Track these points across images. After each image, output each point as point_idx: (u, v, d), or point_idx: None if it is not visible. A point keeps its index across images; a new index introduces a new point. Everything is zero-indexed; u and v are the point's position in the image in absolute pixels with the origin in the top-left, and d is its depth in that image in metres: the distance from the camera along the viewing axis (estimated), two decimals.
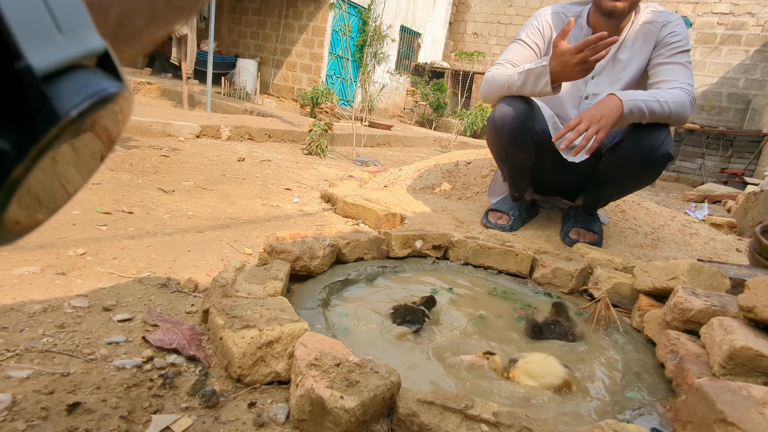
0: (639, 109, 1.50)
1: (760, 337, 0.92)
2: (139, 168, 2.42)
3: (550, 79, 1.55)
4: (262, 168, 3.06)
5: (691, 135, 9.30)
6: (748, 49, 9.55)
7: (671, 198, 5.34)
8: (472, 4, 12.46)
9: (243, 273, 1.09)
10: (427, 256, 1.63)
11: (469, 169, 2.67)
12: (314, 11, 8.87)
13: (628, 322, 1.36)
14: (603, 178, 1.77)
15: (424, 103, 11.18)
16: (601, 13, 1.73)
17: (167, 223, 1.60)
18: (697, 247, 2.15)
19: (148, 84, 6.55)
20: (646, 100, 1.51)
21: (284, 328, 0.85)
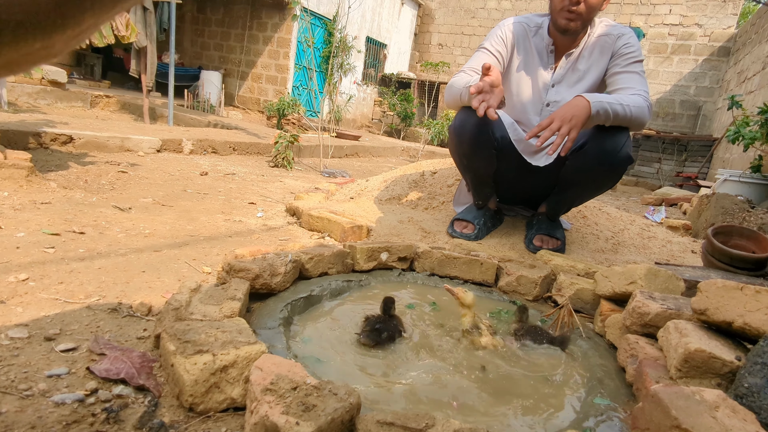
0: (605, 110, 1.54)
1: (714, 339, 0.95)
2: (94, 185, 2.32)
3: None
4: (226, 182, 2.99)
5: (648, 140, 9.69)
6: (697, 58, 10.07)
7: (631, 202, 5.52)
8: (437, 16, 12.70)
9: (199, 294, 1.04)
10: (393, 269, 1.62)
11: (435, 179, 2.68)
12: (279, 22, 8.83)
13: (591, 328, 1.38)
14: (567, 182, 1.81)
15: (391, 113, 11.27)
16: (556, 30, 1.78)
17: (122, 242, 1.53)
18: (655, 249, 2.22)
19: (107, 97, 6.34)
20: (611, 102, 1.56)
21: (240, 351, 0.82)
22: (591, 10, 1.71)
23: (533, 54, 1.89)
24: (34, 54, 0.35)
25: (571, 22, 1.72)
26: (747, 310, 0.90)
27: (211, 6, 9.62)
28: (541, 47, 1.88)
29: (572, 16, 1.71)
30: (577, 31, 1.76)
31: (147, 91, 5.22)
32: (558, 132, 1.49)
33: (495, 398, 0.96)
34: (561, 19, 1.74)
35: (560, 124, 1.49)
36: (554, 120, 1.50)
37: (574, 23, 1.72)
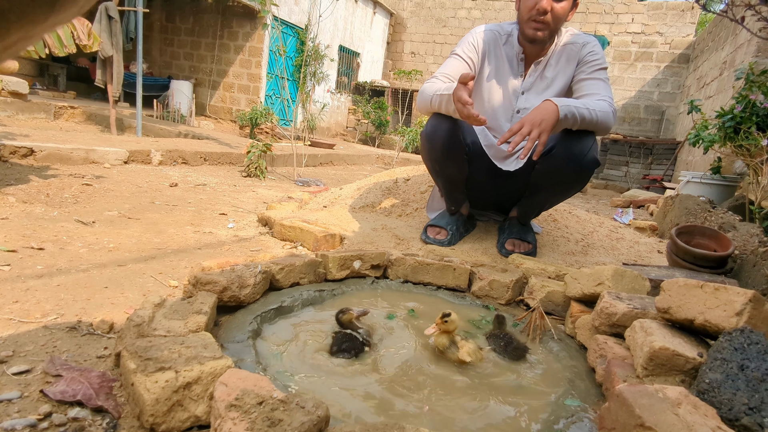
0: (572, 114, 1.57)
1: (677, 337, 0.97)
2: (56, 199, 2.24)
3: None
4: (196, 193, 2.93)
5: (616, 144, 9.98)
6: (659, 65, 10.46)
7: (601, 204, 5.67)
8: (409, 25, 12.85)
9: (163, 309, 1.01)
10: (366, 276, 1.61)
11: (408, 185, 2.69)
12: (250, 32, 8.78)
13: (563, 329, 1.39)
14: (536, 186, 1.84)
15: (366, 121, 11.30)
16: (524, 39, 1.82)
17: (84, 258, 1.47)
18: (623, 250, 2.28)
19: (71, 108, 6.16)
20: (578, 107, 1.59)
21: (204, 366, 0.79)
22: (557, 20, 1.75)
23: (504, 61, 1.93)
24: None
25: (539, 31, 1.76)
26: (707, 308, 0.92)
27: (180, 15, 9.49)
28: (511, 55, 1.91)
29: (540, 26, 1.75)
30: (544, 40, 1.80)
31: (114, 101, 5.09)
32: (529, 136, 1.52)
33: (467, 403, 0.95)
34: (528, 29, 1.77)
35: (530, 128, 1.52)
36: (524, 124, 1.53)
37: (541, 33, 1.76)
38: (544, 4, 1.70)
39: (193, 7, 9.24)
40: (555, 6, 1.72)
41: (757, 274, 1.53)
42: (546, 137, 1.52)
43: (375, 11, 12.04)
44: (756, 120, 2.67)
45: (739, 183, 3.68)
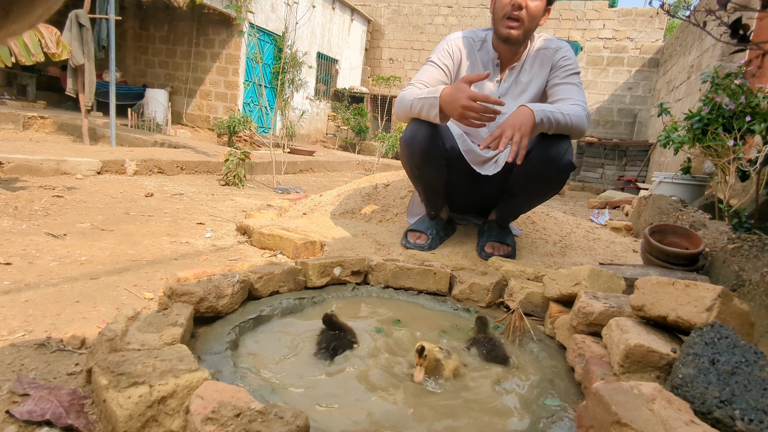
0: (547, 119, 1.60)
1: (652, 334, 0.99)
2: (25, 212, 2.17)
3: (439, 111, 1.63)
4: (173, 203, 2.88)
5: (591, 147, 10.20)
6: (630, 69, 10.76)
7: (578, 206, 5.77)
8: (386, 31, 12.93)
9: (137, 322, 0.99)
10: (347, 283, 1.60)
11: (388, 191, 2.70)
12: (227, 39, 8.71)
13: (542, 330, 1.41)
14: (514, 189, 1.86)
15: (346, 127, 11.30)
16: (499, 39, 1.85)
17: (54, 272, 1.43)
18: (599, 251, 2.32)
19: (42, 118, 5.99)
20: (552, 111, 1.62)
21: (180, 380, 0.77)
22: (532, 18, 1.78)
23: (479, 67, 1.95)
24: None
25: (513, 30, 1.78)
26: (679, 304, 0.94)
27: (154, 22, 9.36)
28: (486, 60, 1.94)
29: (514, 24, 1.77)
30: (519, 40, 1.82)
31: (86, 111, 4.98)
32: (511, 140, 1.53)
33: (449, 406, 0.95)
34: (503, 27, 1.80)
35: (512, 132, 1.53)
36: (505, 129, 1.54)
37: (515, 31, 1.78)
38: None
39: (167, 14, 9.12)
40: (530, 3, 1.74)
41: (726, 270, 1.58)
42: (527, 141, 1.54)
43: (353, 18, 12.09)
44: (722, 121, 2.76)
45: (709, 182, 3.80)
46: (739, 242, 1.62)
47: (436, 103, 1.64)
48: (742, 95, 2.73)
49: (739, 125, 2.66)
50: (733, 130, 2.68)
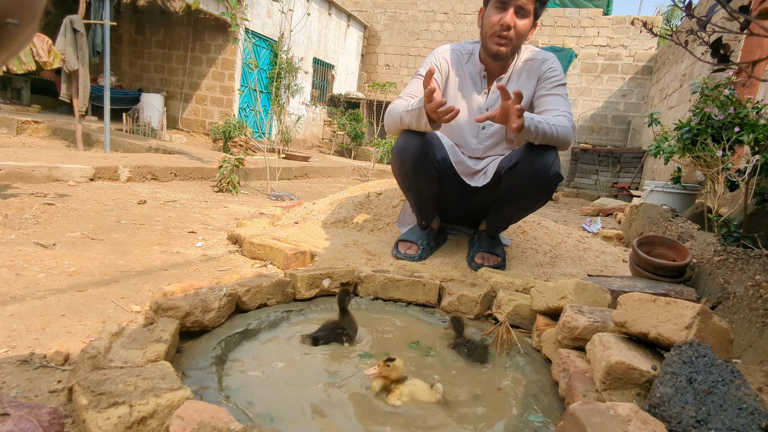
0: (534, 128, 1.60)
1: (633, 350, 1.00)
2: (15, 220, 2.17)
3: (428, 118, 1.64)
4: (166, 210, 2.88)
5: (585, 154, 10.26)
6: (624, 77, 10.85)
7: (572, 213, 5.80)
8: (382, 37, 12.99)
9: (121, 338, 0.99)
10: (336, 295, 1.60)
11: (380, 200, 2.71)
12: (223, 44, 8.72)
13: (529, 343, 1.42)
14: (502, 200, 1.87)
15: (341, 132, 11.33)
16: (487, 55, 1.87)
17: (41, 283, 1.43)
18: (590, 261, 2.33)
19: (35, 123, 5.98)
20: (540, 121, 1.63)
21: (161, 399, 0.77)
22: (519, 37, 1.81)
23: (467, 79, 1.97)
24: None
25: (502, 47, 1.82)
26: (659, 321, 0.95)
27: (150, 27, 9.37)
28: (474, 73, 1.96)
29: (503, 42, 1.80)
30: (507, 56, 1.85)
31: (80, 115, 4.97)
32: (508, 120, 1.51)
33: (432, 420, 0.96)
34: (492, 44, 1.83)
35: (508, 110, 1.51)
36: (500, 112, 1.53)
37: (504, 48, 1.82)
38: (507, 19, 1.76)
39: (163, 19, 9.13)
40: (518, 23, 1.78)
41: (712, 283, 1.60)
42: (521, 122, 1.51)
43: (349, 24, 12.14)
44: (711, 132, 2.78)
45: (700, 191, 3.83)
46: (725, 255, 1.64)
47: (422, 113, 1.66)
48: (730, 106, 2.76)
49: (728, 136, 2.69)
50: (722, 141, 2.70)
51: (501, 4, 1.77)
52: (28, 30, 0.40)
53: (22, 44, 0.45)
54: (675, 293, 1.58)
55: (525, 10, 1.76)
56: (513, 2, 1.75)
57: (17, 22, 0.36)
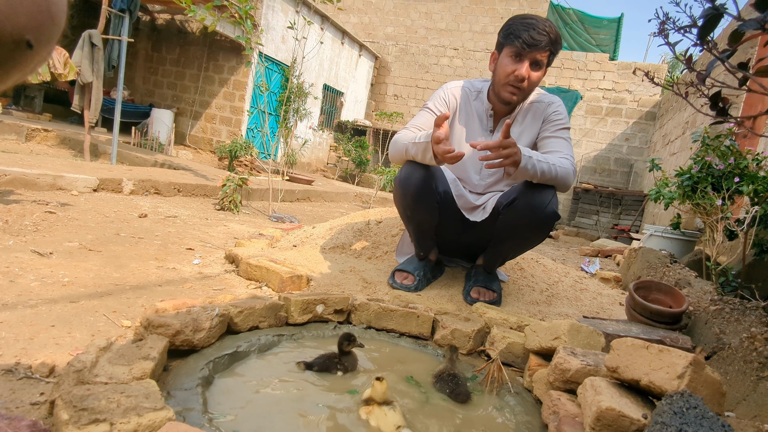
0: (532, 166, 1.62)
1: (625, 397, 0.98)
2: (15, 226, 2.17)
3: (434, 153, 1.66)
4: (166, 225, 2.88)
5: (587, 194, 10.32)
6: (628, 121, 11.02)
7: (571, 252, 5.79)
8: (393, 69, 13.29)
9: (109, 353, 0.98)
10: (329, 321, 1.59)
11: (380, 228, 2.71)
12: (236, 66, 8.92)
13: (521, 382, 1.40)
14: (499, 236, 1.88)
15: (347, 158, 11.45)
16: (498, 100, 1.90)
17: (34, 292, 1.42)
18: (586, 302, 2.32)
19: (45, 131, 6.06)
20: (540, 160, 1.65)
21: (143, 419, 0.76)
22: (532, 87, 1.85)
23: (474, 116, 2.00)
24: None
25: (514, 95, 1.84)
26: (652, 369, 0.94)
27: (166, 45, 9.61)
28: (481, 111, 1.99)
29: (516, 91, 1.83)
30: (518, 102, 1.89)
31: (90, 126, 5.04)
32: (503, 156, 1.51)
33: None
34: (505, 92, 1.85)
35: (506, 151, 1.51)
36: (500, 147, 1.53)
37: (516, 97, 1.85)
38: (523, 72, 1.77)
39: (180, 38, 9.38)
40: (532, 74, 1.80)
41: (708, 332, 1.58)
42: (509, 162, 1.52)
43: (360, 54, 12.44)
44: (711, 180, 2.82)
45: (699, 238, 3.84)
46: (721, 304, 1.63)
47: (429, 147, 1.68)
48: (731, 156, 2.80)
49: (728, 185, 2.72)
50: (722, 190, 2.73)
51: (517, 56, 1.77)
52: (44, 52, 0.42)
53: (37, 65, 0.47)
54: (670, 340, 1.56)
55: (540, 63, 1.79)
56: (529, 56, 1.76)
57: (33, 44, 0.37)
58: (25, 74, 0.46)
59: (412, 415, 1.10)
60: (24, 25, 0.36)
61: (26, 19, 0.36)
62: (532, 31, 1.73)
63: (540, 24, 1.75)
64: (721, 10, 0.93)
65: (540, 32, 1.73)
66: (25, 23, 0.36)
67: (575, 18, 12.09)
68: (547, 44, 1.74)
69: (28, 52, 0.39)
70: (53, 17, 0.38)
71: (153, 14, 9.40)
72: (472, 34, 12.56)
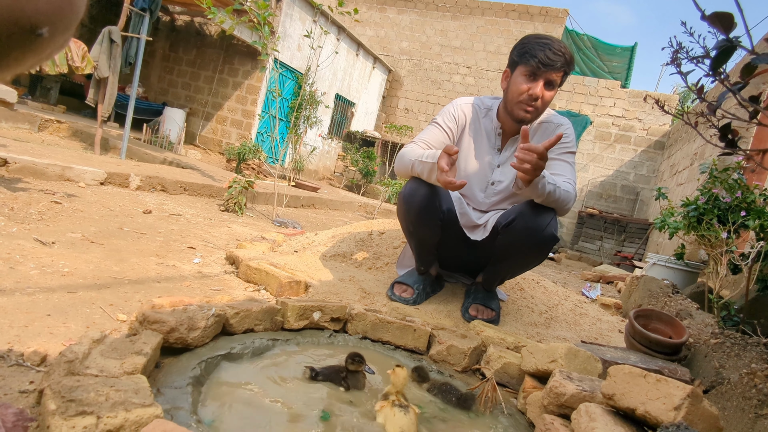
0: (542, 185, 1.61)
1: (619, 425, 0.97)
2: (20, 214, 2.18)
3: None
4: (169, 223, 2.89)
5: (592, 219, 10.29)
6: (636, 149, 11.02)
7: (572, 276, 5.75)
8: (405, 83, 13.39)
9: (102, 345, 0.97)
10: (325, 329, 1.58)
11: (382, 239, 2.71)
12: (250, 70, 9.02)
13: (515, 404, 1.38)
14: (498, 256, 1.87)
15: (354, 168, 11.49)
16: (510, 119, 1.89)
17: (33, 280, 1.42)
18: (585, 327, 2.30)
19: (58, 122, 6.13)
20: (548, 181, 1.63)
21: (130, 414, 0.76)
22: (545, 106, 1.84)
23: (482, 134, 2.00)
24: None
25: (528, 114, 1.84)
26: (648, 398, 0.93)
27: (184, 46, 9.75)
28: (489, 129, 1.99)
29: (530, 110, 1.82)
30: (530, 121, 1.88)
31: (102, 120, 5.10)
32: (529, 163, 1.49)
33: None
34: (519, 111, 1.83)
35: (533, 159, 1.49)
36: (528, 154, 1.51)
37: (530, 115, 1.84)
38: (537, 91, 1.76)
39: (197, 40, 9.51)
40: (546, 94, 1.80)
41: (707, 365, 1.56)
42: (536, 172, 1.50)
43: (374, 66, 12.56)
44: (717, 213, 2.80)
45: (702, 270, 3.81)
46: (722, 338, 1.61)
47: (435, 169, 1.68)
48: (738, 190, 2.79)
49: (734, 219, 2.70)
50: (728, 223, 2.71)
51: (532, 75, 1.77)
52: (60, 39, 0.42)
53: (53, 51, 0.47)
54: (668, 371, 1.54)
55: (554, 83, 1.78)
56: (544, 75, 1.75)
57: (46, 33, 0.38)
58: (40, 60, 0.47)
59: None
60: (43, 10, 0.37)
61: (46, 4, 0.36)
62: (548, 51, 1.73)
63: (555, 44, 1.75)
64: (735, 42, 0.93)
65: (556, 52, 1.73)
66: (45, 8, 0.36)
67: (589, 44, 12.18)
68: (562, 65, 1.75)
69: (46, 39, 0.39)
70: (72, 4, 0.39)
71: (173, 15, 9.55)
72: (486, 54, 12.66)
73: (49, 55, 0.47)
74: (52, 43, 0.44)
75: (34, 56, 0.42)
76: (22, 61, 0.41)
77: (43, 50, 0.44)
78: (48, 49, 0.45)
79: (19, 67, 0.39)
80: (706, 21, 0.90)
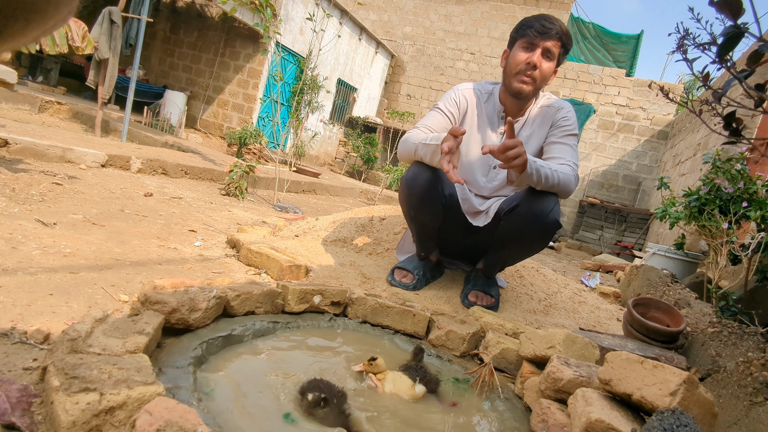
0: (536, 171, 1.61)
1: (615, 410, 0.98)
2: (21, 195, 2.19)
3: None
4: (170, 206, 2.89)
5: (593, 208, 10.28)
6: (639, 138, 10.96)
7: (572, 264, 5.77)
8: (408, 68, 13.27)
9: (104, 325, 0.98)
10: (325, 313, 1.59)
11: (383, 225, 2.71)
12: (252, 54, 8.93)
13: (513, 388, 1.39)
14: (500, 241, 1.87)
15: (355, 154, 11.45)
16: (509, 93, 1.90)
17: (35, 260, 1.43)
18: (583, 314, 2.31)
19: (58, 104, 6.09)
20: (542, 166, 1.64)
21: (132, 391, 0.77)
22: (543, 78, 1.85)
23: (484, 118, 2.00)
24: None
25: (525, 85, 1.84)
26: (644, 384, 0.94)
27: (185, 28, 9.64)
28: (491, 112, 1.99)
29: (527, 80, 1.83)
30: (529, 95, 1.87)
31: (102, 102, 5.07)
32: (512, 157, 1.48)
33: None
34: (516, 82, 1.85)
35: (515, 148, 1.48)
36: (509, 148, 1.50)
37: (527, 87, 1.85)
38: (535, 59, 1.80)
39: (198, 22, 9.40)
40: (543, 64, 1.82)
41: (704, 354, 1.57)
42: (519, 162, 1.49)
43: (377, 51, 12.43)
44: (719, 203, 2.79)
45: (702, 261, 3.82)
46: (720, 327, 1.62)
47: (438, 151, 1.68)
48: (741, 180, 2.78)
49: (736, 209, 2.69)
50: (729, 213, 2.71)
51: (529, 45, 1.82)
52: (64, 11, 0.42)
53: (56, 24, 0.47)
54: (665, 359, 1.55)
55: (551, 53, 1.82)
56: (541, 44, 1.80)
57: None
58: (45, 33, 0.46)
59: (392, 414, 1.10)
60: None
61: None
62: (544, 21, 1.80)
63: (550, 17, 1.83)
64: (743, 29, 0.92)
65: (551, 22, 1.80)
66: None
67: (594, 33, 12.03)
68: (557, 32, 1.80)
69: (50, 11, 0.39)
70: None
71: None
72: (490, 40, 12.52)
73: (52, 27, 0.47)
74: (56, 14, 0.43)
75: (36, 27, 0.42)
76: (24, 32, 0.41)
77: (47, 22, 0.43)
78: (51, 21, 0.45)
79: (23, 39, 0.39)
80: (714, 6, 0.88)
